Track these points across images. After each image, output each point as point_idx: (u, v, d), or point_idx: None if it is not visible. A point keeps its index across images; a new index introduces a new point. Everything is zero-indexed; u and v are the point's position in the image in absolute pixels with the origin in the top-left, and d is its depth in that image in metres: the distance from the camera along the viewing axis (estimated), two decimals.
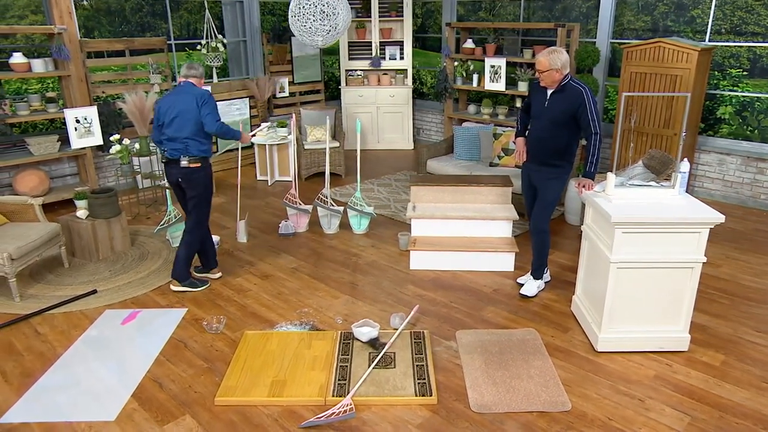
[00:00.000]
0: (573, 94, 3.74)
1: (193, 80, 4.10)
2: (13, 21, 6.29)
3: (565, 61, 3.71)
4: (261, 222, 5.64)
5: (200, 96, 4.00)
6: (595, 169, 3.77)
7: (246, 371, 3.29)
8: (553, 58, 3.68)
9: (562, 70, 3.71)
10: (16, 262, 4.13)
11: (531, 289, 4.21)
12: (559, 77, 3.75)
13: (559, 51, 3.71)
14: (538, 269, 4.23)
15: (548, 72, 3.72)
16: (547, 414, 2.97)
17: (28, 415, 3.01)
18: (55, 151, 5.97)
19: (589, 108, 3.70)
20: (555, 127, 3.85)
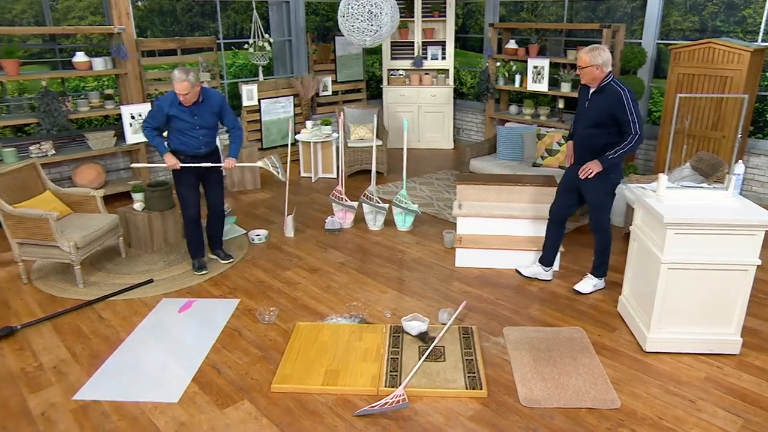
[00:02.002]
0: (613, 95, 3.74)
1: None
2: (74, 22, 6.58)
3: (607, 59, 3.72)
4: (307, 217, 5.78)
5: None
6: (612, 160, 3.79)
7: (300, 360, 3.41)
8: (594, 55, 3.70)
9: (603, 67, 3.72)
10: (80, 251, 4.35)
11: (585, 287, 4.26)
12: (600, 75, 3.75)
13: (601, 48, 3.72)
14: (597, 267, 4.25)
15: (588, 69, 3.74)
16: (596, 411, 3.01)
17: (99, 393, 3.19)
18: (111, 145, 6.22)
19: (629, 109, 3.69)
20: (595, 127, 3.87)
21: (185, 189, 4.48)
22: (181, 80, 4.05)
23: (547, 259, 4.43)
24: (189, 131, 4.33)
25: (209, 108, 4.33)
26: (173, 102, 4.23)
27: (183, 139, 4.35)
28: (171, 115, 4.25)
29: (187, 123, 4.29)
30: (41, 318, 3.93)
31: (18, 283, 4.47)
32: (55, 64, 6.36)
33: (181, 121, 4.28)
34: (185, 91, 4.10)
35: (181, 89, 4.08)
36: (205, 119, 4.35)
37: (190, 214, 4.53)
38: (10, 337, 3.73)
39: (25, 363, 3.46)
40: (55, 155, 5.84)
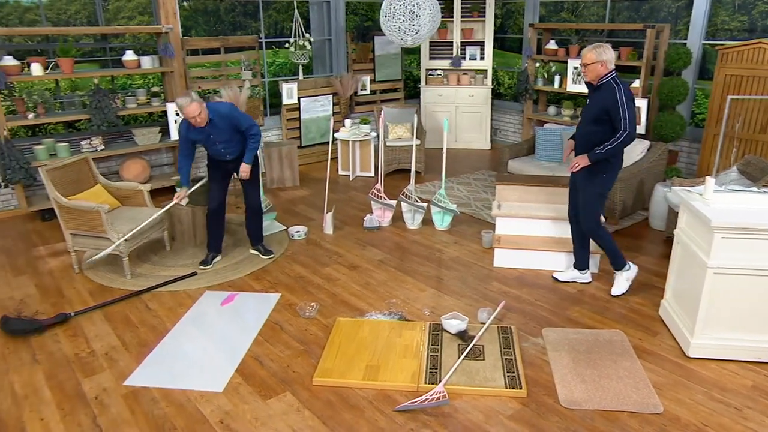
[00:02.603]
0: (607, 91, 3.75)
1: None
2: (123, 22, 6.79)
3: (612, 56, 3.76)
4: (345, 215, 5.85)
5: None
6: (599, 156, 3.80)
7: (341, 355, 3.47)
8: (599, 52, 3.74)
9: (607, 64, 3.75)
10: (129, 243, 4.50)
11: (620, 287, 4.25)
12: (603, 71, 3.77)
13: (606, 46, 3.78)
14: (614, 261, 4.24)
15: (593, 66, 3.77)
16: (638, 415, 2.99)
17: (148, 380, 3.31)
18: (156, 141, 6.41)
19: (621, 105, 3.69)
20: (591, 124, 3.88)
21: (212, 183, 4.73)
22: (187, 104, 4.13)
23: (580, 263, 4.40)
24: (212, 147, 4.51)
25: (221, 125, 4.39)
26: (189, 128, 4.37)
27: (211, 150, 4.57)
28: (192, 139, 4.44)
29: (208, 142, 4.46)
30: (92, 306, 4.09)
31: (70, 272, 4.66)
32: (105, 63, 6.58)
33: (203, 143, 4.48)
34: (195, 113, 4.17)
35: (190, 113, 4.16)
36: (220, 135, 4.43)
37: (211, 206, 4.72)
38: (65, 323, 3.89)
39: (78, 348, 3.61)
40: (104, 150, 6.05)
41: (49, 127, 6.72)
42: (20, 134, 6.69)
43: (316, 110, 7.73)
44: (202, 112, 4.21)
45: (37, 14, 6.45)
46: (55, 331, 3.80)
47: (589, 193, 4.03)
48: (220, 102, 4.56)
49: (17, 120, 5.58)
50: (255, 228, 4.96)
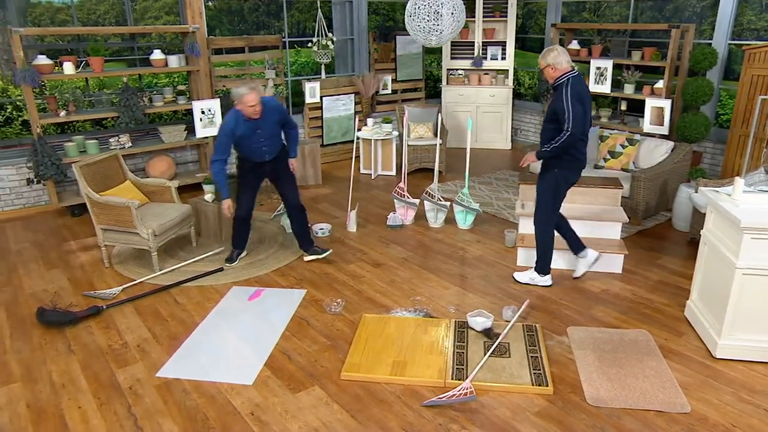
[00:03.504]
0: (558, 91, 3.85)
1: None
2: (150, 21, 6.91)
3: (553, 58, 3.82)
4: (368, 213, 5.90)
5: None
6: (545, 154, 3.95)
7: (368, 351, 3.52)
8: (545, 55, 3.86)
9: (555, 66, 3.82)
10: (158, 238, 4.59)
11: (522, 276, 4.41)
12: (554, 74, 3.86)
13: (551, 49, 3.85)
14: (540, 262, 4.32)
15: (545, 69, 3.90)
16: (665, 414, 3.00)
17: (179, 372, 3.38)
18: (182, 139, 6.51)
19: (565, 104, 3.77)
20: (547, 122, 3.98)
21: (244, 189, 4.63)
22: (248, 92, 4.11)
23: (575, 248, 4.44)
24: (254, 145, 4.41)
25: (271, 118, 4.37)
26: (237, 122, 4.27)
27: (249, 149, 4.45)
28: (238, 136, 4.31)
29: (252, 138, 4.36)
30: (124, 300, 4.18)
31: (101, 266, 4.76)
32: (133, 62, 6.70)
33: (249, 139, 4.35)
34: (255, 102, 4.15)
35: (250, 101, 4.13)
36: (268, 130, 4.40)
37: (240, 213, 4.64)
38: (97, 316, 3.99)
39: (111, 340, 3.70)
40: (131, 147, 6.16)
41: (77, 124, 6.86)
42: (50, 131, 6.83)
43: (338, 109, 7.79)
44: (259, 104, 4.17)
45: (68, 14, 6.60)
46: (88, 323, 3.90)
47: (540, 186, 4.16)
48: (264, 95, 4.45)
49: (49, 117, 5.70)
50: (302, 228, 4.81)
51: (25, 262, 4.88)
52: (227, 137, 4.31)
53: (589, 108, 3.95)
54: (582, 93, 3.87)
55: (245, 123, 4.27)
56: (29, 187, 5.99)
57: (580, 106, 3.81)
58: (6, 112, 7.30)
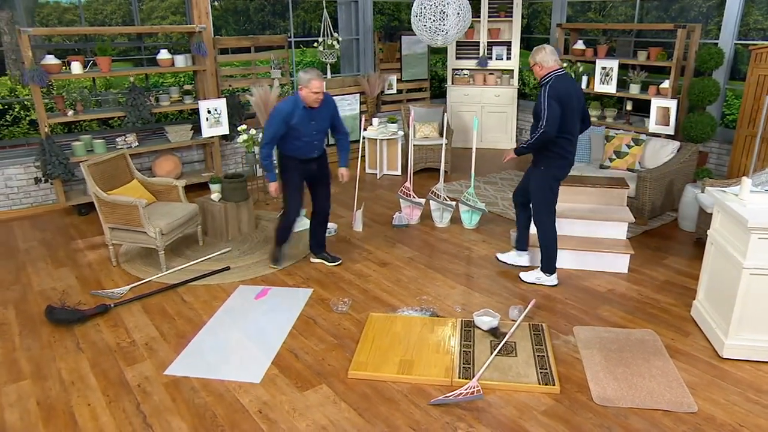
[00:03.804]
0: (540, 90, 3.95)
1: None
2: (157, 21, 6.94)
3: (541, 57, 3.93)
4: (374, 213, 5.92)
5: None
6: (523, 151, 4.11)
7: (375, 349, 3.53)
8: (533, 54, 3.98)
9: (541, 64, 3.94)
10: (165, 237, 4.61)
11: (528, 276, 4.43)
12: (540, 72, 3.98)
13: (539, 48, 3.96)
14: (544, 262, 4.36)
15: (533, 68, 4.02)
16: (672, 413, 3.00)
17: (187, 370, 3.40)
18: (188, 138, 6.53)
19: (543, 103, 3.87)
20: (534, 119, 4.04)
21: (292, 191, 4.45)
22: (317, 78, 4.02)
23: (519, 244, 4.63)
24: (305, 137, 4.25)
25: (326, 111, 4.28)
26: (295, 109, 4.13)
27: (297, 144, 4.28)
28: (292, 123, 4.15)
29: (305, 129, 4.21)
30: (131, 298, 4.20)
31: (108, 265, 4.79)
32: (139, 62, 6.72)
33: (299, 129, 4.19)
34: (321, 89, 4.05)
35: (316, 87, 4.02)
36: (321, 124, 4.28)
37: (293, 218, 4.51)
38: (105, 314, 4.01)
39: (120, 338, 3.72)
40: (138, 147, 6.19)
41: (84, 124, 6.89)
42: (57, 131, 6.87)
43: (343, 109, 7.80)
44: (323, 91, 4.09)
45: (75, 14, 6.63)
46: (96, 322, 3.92)
47: (532, 184, 4.25)
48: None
49: (57, 117, 5.73)
50: (321, 234, 4.79)
51: (33, 260, 4.91)
52: (280, 123, 4.14)
53: (575, 107, 3.97)
54: (566, 92, 3.89)
55: (302, 111, 4.14)
56: (37, 186, 6.03)
57: (558, 105, 3.85)
58: (14, 112, 7.34)
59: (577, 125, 4.05)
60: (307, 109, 4.17)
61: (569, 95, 3.91)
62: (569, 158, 4.11)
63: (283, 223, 4.60)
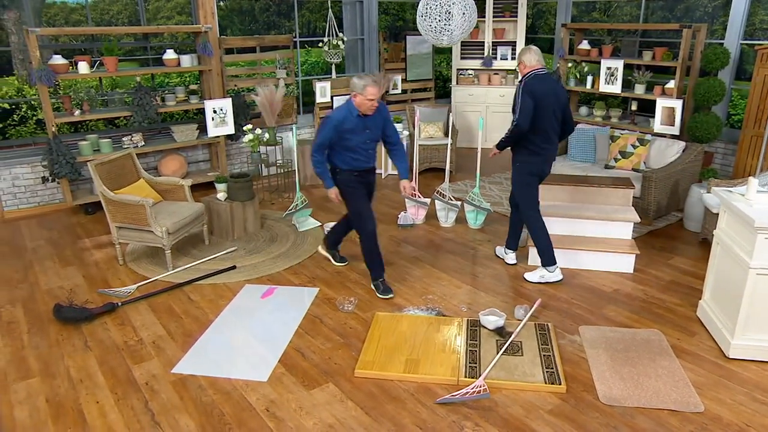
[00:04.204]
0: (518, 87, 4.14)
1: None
2: (162, 21, 6.96)
3: (525, 57, 4.14)
4: (379, 212, 5.91)
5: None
6: (500, 145, 4.34)
7: (381, 348, 3.54)
8: (519, 53, 4.24)
9: (524, 62, 4.14)
10: (171, 236, 4.63)
11: (532, 275, 4.47)
12: (523, 70, 4.17)
13: (525, 48, 4.19)
14: (541, 256, 4.40)
15: (519, 66, 4.24)
16: (678, 413, 3.00)
17: (194, 368, 3.42)
18: (194, 138, 6.55)
19: (517, 99, 4.08)
20: (512, 116, 4.21)
21: (361, 203, 4.19)
22: (372, 84, 3.81)
23: (509, 243, 4.74)
24: (360, 146, 4.03)
25: (379, 119, 4.06)
26: (348, 116, 3.95)
27: (353, 156, 4.06)
28: (344, 130, 3.95)
29: (359, 137, 4.00)
30: (138, 297, 4.22)
31: (115, 264, 4.81)
32: (145, 61, 6.75)
33: (352, 137, 3.99)
34: (376, 96, 3.85)
35: (373, 93, 3.83)
36: (375, 132, 4.06)
37: (371, 228, 4.18)
38: (113, 312, 4.03)
39: (127, 337, 3.74)
40: (144, 146, 6.22)
41: (90, 123, 6.92)
42: (64, 130, 6.90)
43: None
44: (378, 98, 3.90)
45: (82, 15, 6.66)
46: (104, 320, 3.94)
47: (512, 180, 4.44)
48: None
49: (64, 117, 5.76)
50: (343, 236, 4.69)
51: (40, 259, 4.93)
52: (332, 130, 3.95)
53: (552, 107, 4.07)
54: (542, 91, 4.03)
55: (356, 119, 3.95)
56: (44, 186, 6.06)
57: (532, 101, 4.00)
58: (21, 111, 7.38)
59: (553, 124, 4.15)
60: (361, 117, 3.96)
61: (545, 94, 4.04)
62: (544, 155, 4.23)
63: (366, 243, 4.21)
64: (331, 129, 3.96)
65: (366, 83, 3.82)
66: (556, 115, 4.13)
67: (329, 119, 4.00)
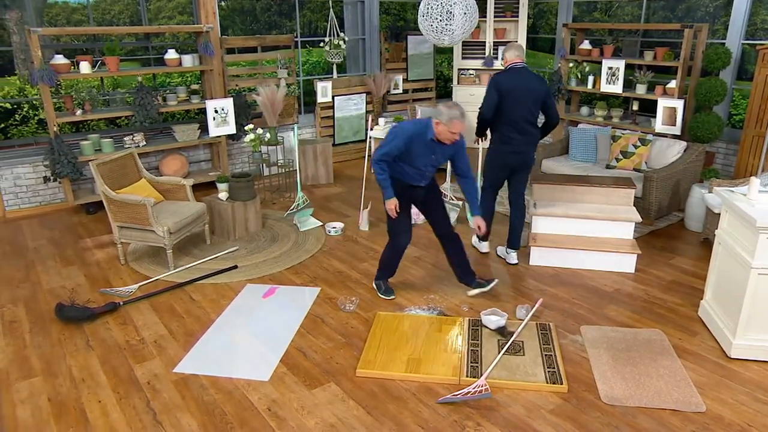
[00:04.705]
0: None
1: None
2: (164, 21, 6.96)
3: (506, 53, 4.45)
4: (380, 212, 5.91)
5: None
6: (477, 131, 4.65)
7: (382, 348, 3.54)
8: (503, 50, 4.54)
9: (506, 58, 4.45)
10: (173, 236, 4.64)
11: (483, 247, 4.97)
12: (504, 64, 4.49)
13: (508, 45, 4.50)
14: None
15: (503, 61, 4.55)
16: (680, 413, 3.00)
17: (196, 368, 3.42)
18: (195, 138, 6.56)
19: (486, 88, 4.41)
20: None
21: (403, 215, 4.04)
22: (463, 119, 3.62)
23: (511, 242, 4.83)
24: (420, 166, 3.87)
25: (451, 148, 3.87)
26: (422, 135, 3.73)
27: (407, 169, 3.88)
28: (412, 146, 3.76)
29: (423, 159, 3.83)
30: (140, 296, 4.23)
31: (116, 263, 4.82)
32: (147, 61, 6.76)
33: (417, 156, 3.81)
34: (462, 132, 3.68)
35: (460, 130, 3.64)
36: (440, 159, 3.90)
37: (403, 243, 4.09)
38: (114, 312, 4.04)
39: (129, 336, 3.74)
40: (145, 146, 6.22)
41: (92, 123, 6.93)
42: (65, 130, 6.91)
43: (349, 109, 7.82)
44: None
45: (83, 14, 6.67)
46: (105, 319, 3.95)
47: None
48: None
49: (65, 116, 5.77)
50: (461, 257, 4.20)
51: (42, 259, 4.94)
52: (402, 141, 3.73)
53: (521, 99, 4.32)
54: (508, 84, 4.31)
55: (429, 141, 3.75)
56: (46, 185, 6.07)
57: (497, 93, 4.32)
58: (23, 111, 7.39)
59: (524, 115, 4.37)
60: (435, 141, 3.77)
61: (514, 87, 4.31)
62: (512, 144, 4.45)
63: (391, 251, 4.14)
64: (401, 140, 3.73)
65: (454, 116, 3.59)
66: (530, 107, 4.35)
67: (402, 129, 3.77)
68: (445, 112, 3.61)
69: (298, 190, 5.54)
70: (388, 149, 3.76)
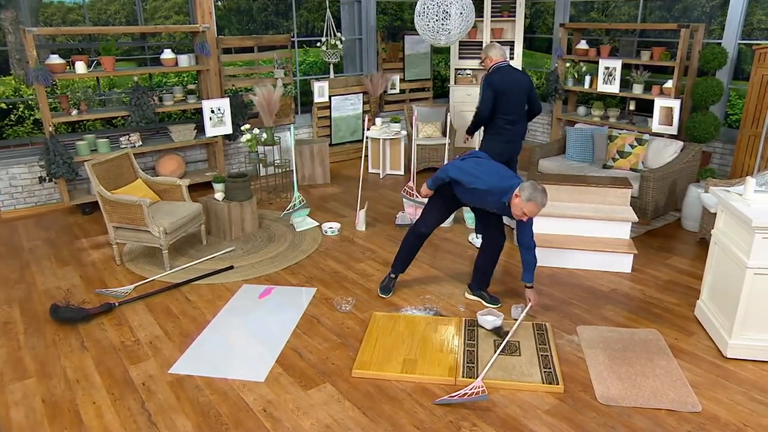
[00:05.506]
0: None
1: None
2: (160, 21, 6.94)
3: (491, 52, 4.71)
4: (377, 212, 5.92)
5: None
6: (471, 129, 5.03)
7: (378, 348, 3.54)
8: (485, 48, 4.79)
9: (489, 57, 4.72)
10: (169, 236, 4.62)
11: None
12: (488, 63, 4.75)
13: (490, 45, 4.77)
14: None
15: (484, 60, 4.79)
16: (676, 413, 3.00)
17: (191, 368, 3.41)
18: (191, 138, 6.54)
19: (480, 88, 4.75)
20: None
21: (435, 206, 4.02)
22: (539, 207, 3.43)
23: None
24: (467, 199, 3.86)
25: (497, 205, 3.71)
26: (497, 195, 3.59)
27: (463, 195, 3.84)
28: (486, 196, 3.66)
29: (486, 206, 3.79)
30: (135, 297, 4.21)
31: (112, 264, 4.80)
32: (143, 61, 6.74)
33: (483, 202, 3.75)
34: (534, 215, 3.50)
35: (531, 213, 3.45)
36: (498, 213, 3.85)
37: (423, 231, 4.05)
38: (110, 313, 4.02)
39: (124, 337, 3.73)
40: (141, 146, 6.20)
41: (87, 123, 6.90)
42: (61, 130, 6.89)
43: (346, 109, 7.81)
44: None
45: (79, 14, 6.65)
46: (101, 320, 3.93)
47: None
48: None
49: (61, 116, 5.75)
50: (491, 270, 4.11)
51: (37, 259, 4.92)
52: (479, 186, 3.62)
53: (513, 94, 4.65)
54: (501, 82, 4.62)
55: (498, 200, 3.62)
56: (41, 186, 6.05)
57: (492, 92, 4.62)
58: (18, 111, 7.36)
59: (516, 109, 4.73)
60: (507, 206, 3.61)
61: (506, 85, 4.63)
62: (506, 135, 4.79)
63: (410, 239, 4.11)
64: (481, 185, 3.61)
65: (533, 198, 3.39)
66: (521, 100, 4.74)
67: (487, 176, 3.62)
68: (529, 191, 3.41)
69: (294, 190, 5.53)
70: (457, 175, 3.67)
